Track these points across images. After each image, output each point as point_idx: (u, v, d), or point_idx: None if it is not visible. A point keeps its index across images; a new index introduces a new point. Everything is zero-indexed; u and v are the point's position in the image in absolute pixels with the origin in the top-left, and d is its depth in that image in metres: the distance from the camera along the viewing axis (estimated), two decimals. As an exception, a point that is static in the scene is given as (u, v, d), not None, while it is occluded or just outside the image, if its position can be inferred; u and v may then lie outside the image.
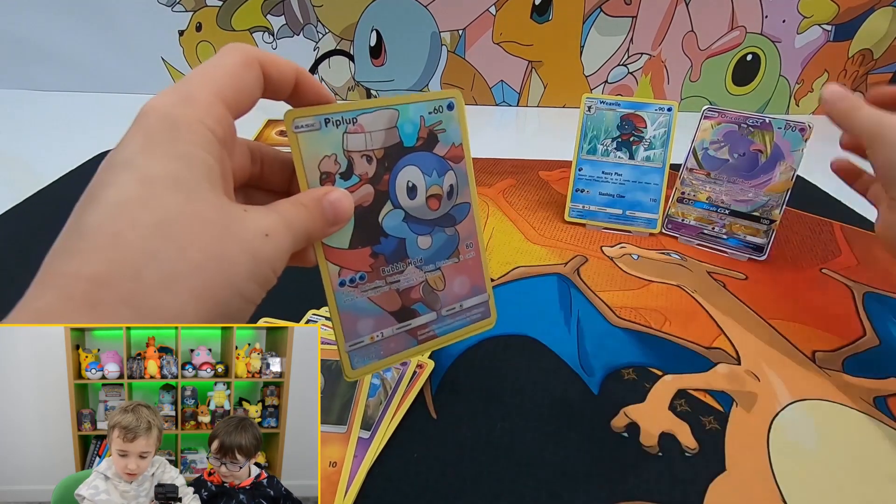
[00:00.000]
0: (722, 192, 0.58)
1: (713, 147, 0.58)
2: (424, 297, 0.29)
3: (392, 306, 0.28)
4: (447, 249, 0.29)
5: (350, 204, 0.25)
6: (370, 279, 0.27)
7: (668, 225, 0.61)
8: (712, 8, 0.97)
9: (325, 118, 0.25)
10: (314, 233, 0.24)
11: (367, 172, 0.26)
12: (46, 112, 0.92)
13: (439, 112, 0.28)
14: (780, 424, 0.37)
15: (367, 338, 0.27)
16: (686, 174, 0.60)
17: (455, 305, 0.30)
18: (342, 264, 0.26)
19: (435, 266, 0.29)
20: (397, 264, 0.28)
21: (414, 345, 0.29)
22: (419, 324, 0.29)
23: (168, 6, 0.94)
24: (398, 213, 0.27)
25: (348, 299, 0.27)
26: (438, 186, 0.28)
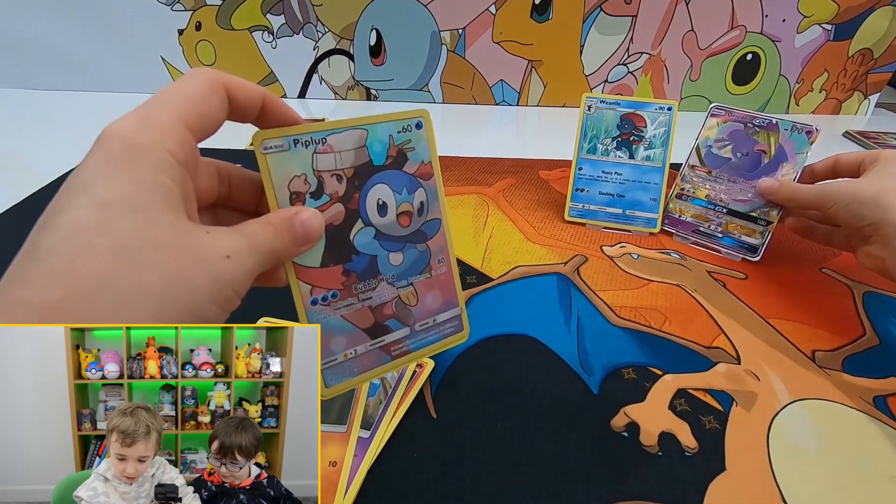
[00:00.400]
0: (721, 190, 0.58)
1: (717, 145, 0.58)
2: (397, 313, 0.29)
3: (365, 323, 0.28)
4: (419, 265, 0.30)
5: (320, 223, 0.25)
6: (342, 297, 0.27)
7: (665, 221, 0.61)
8: (712, 7, 0.97)
9: (294, 139, 0.25)
10: (283, 252, 0.24)
11: (337, 192, 0.26)
12: (46, 111, 0.92)
13: (408, 131, 0.28)
14: (779, 424, 0.37)
15: (341, 355, 0.27)
16: (687, 171, 0.60)
17: (428, 320, 0.31)
18: (314, 283, 0.26)
19: (407, 282, 0.29)
20: (369, 281, 0.28)
21: (387, 361, 0.29)
22: (392, 339, 0.29)
23: (167, 5, 0.94)
24: (369, 231, 0.28)
25: (321, 317, 0.27)
26: (409, 203, 0.29)
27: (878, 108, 1.14)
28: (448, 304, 0.31)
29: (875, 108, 1.12)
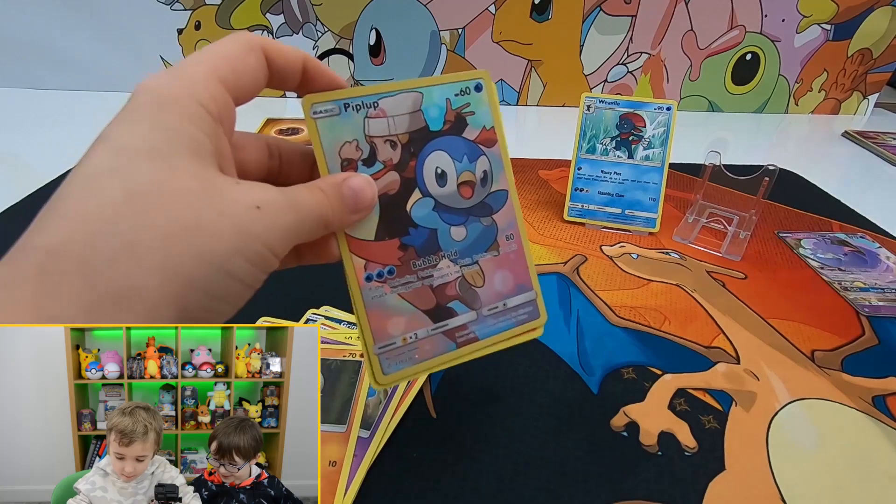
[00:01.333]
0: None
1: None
2: (462, 295, 0.26)
3: (426, 304, 0.26)
4: (484, 241, 0.27)
5: (373, 191, 0.23)
6: (400, 273, 0.25)
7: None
8: (712, 7, 0.97)
9: (344, 103, 0.23)
10: (332, 219, 0.22)
11: (391, 159, 0.24)
12: (45, 111, 0.92)
13: (466, 94, 0.26)
14: (779, 423, 0.37)
15: (400, 339, 0.25)
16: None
17: (497, 304, 0.27)
18: (368, 257, 0.24)
19: (472, 260, 0.27)
20: (429, 257, 0.25)
21: (452, 348, 0.26)
22: (457, 324, 0.26)
23: (167, 5, 0.94)
24: (427, 202, 0.25)
25: (376, 295, 0.24)
26: (470, 172, 0.26)
27: (878, 107, 1.14)
28: (520, 288, 0.28)
29: (874, 107, 1.12)
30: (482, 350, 0.27)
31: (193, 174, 0.18)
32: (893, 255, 0.59)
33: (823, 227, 0.64)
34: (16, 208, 0.60)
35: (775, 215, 0.66)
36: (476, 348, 0.27)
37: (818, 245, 0.60)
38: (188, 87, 0.19)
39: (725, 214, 0.60)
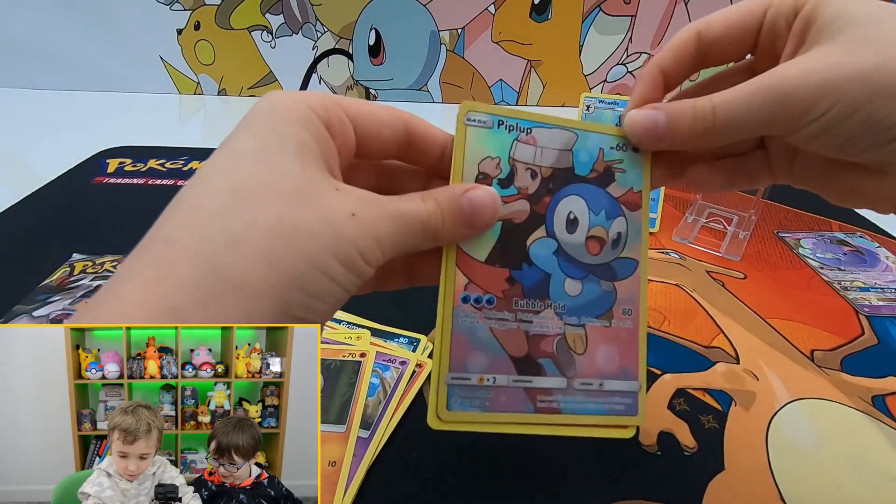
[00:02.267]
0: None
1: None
2: (557, 354, 0.24)
3: (516, 350, 0.23)
4: (599, 307, 0.24)
5: (495, 207, 0.22)
6: (498, 307, 0.23)
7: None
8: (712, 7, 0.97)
9: (499, 119, 0.23)
10: (442, 232, 0.21)
11: (527, 187, 0.23)
12: (44, 111, 0.92)
13: (622, 150, 0.25)
14: (778, 423, 0.37)
15: (476, 377, 0.22)
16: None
17: (593, 381, 0.24)
18: (472, 277, 0.23)
19: (578, 321, 0.24)
20: (534, 301, 0.23)
21: (530, 410, 0.23)
22: (542, 385, 0.23)
23: (166, 5, 0.94)
24: (550, 243, 0.24)
25: (467, 321, 0.22)
26: (604, 229, 0.25)
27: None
28: (624, 373, 0.25)
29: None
30: (561, 427, 0.24)
31: (294, 175, 0.19)
32: (893, 254, 0.59)
33: (823, 226, 0.64)
34: (16, 208, 0.60)
35: (775, 215, 0.66)
36: (554, 420, 0.24)
37: (818, 245, 0.60)
38: (303, 96, 0.20)
39: (725, 214, 0.60)
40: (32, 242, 0.54)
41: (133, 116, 0.92)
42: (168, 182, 0.67)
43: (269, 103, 0.20)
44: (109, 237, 0.54)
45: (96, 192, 0.65)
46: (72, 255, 0.51)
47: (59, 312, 0.42)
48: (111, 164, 0.71)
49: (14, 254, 0.52)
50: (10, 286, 0.46)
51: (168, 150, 0.76)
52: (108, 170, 0.70)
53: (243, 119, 0.20)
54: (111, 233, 0.55)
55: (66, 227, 0.57)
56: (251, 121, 0.20)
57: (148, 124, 0.88)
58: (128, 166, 0.71)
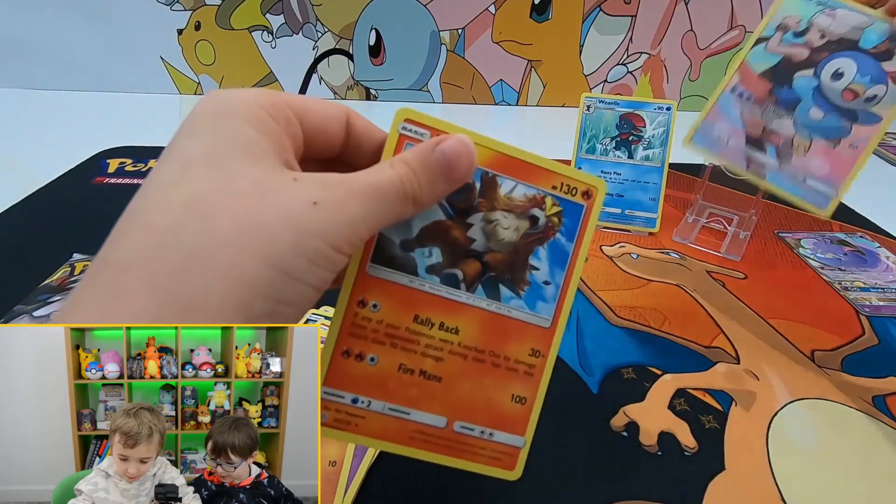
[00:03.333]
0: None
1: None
2: (781, 147, 0.28)
3: (754, 129, 0.28)
4: (831, 133, 0.32)
5: (470, 153, 0.21)
6: (757, 100, 0.29)
7: None
8: (712, 7, 0.97)
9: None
10: (422, 194, 0.20)
11: (813, 42, 0.30)
12: (44, 111, 0.92)
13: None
14: (779, 423, 0.37)
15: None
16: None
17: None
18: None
19: (809, 134, 0.30)
20: (783, 109, 0.32)
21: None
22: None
23: (167, 5, 0.94)
24: (812, 81, 0.32)
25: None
26: (863, 86, 0.34)
27: (877, 108, 1.14)
28: (827, 182, 0.28)
29: None
30: (446, 458, 0.24)
31: (248, 175, 0.18)
32: (893, 254, 0.59)
33: (823, 226, 0.64)
34: (16, 208, 0.60)
35: (775, 215, 0.66)
36: (440, 451, 0.24)
37: (818, 245, 0.60)
38: (249, 94, 0.19)
39: (725, 214, 0.60)
40: (32, 242, 0.54)
41: (133, 116, 0.92)
42: (168, 182, 0.67)
43: (215, 102, 0.19)
44: (109, 237, 0.54)
45: (96, 192, 0.65)
46: (72, 255, 0.51)
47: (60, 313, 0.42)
48: (111, 164, 0.71)
49: (14, 254, 0.52)
50: (10, 286, 0.46)
51: (168, 150, 0.76)
52: (109, 170, 0.70)
53: (188, 119, 0.19)
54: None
55: (66, 227, 0.57)
56: (197, 122, 0.19)
57: (148, 124, 0.88)
58: (128, 166, 0.71)
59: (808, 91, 0.36)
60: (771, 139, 0.37)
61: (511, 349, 0.23)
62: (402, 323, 0.22)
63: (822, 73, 0.36)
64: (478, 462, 0.24)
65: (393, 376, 0.22)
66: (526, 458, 0.25)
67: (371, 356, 0.22)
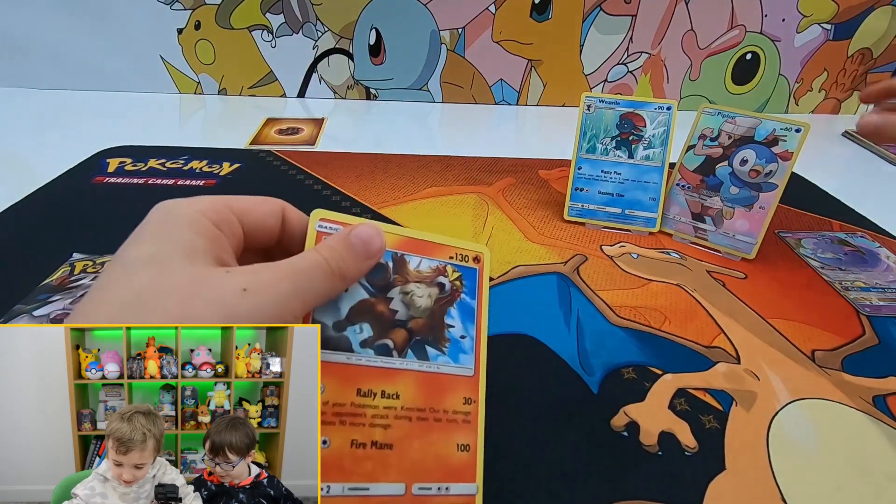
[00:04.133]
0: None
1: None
2: (715, 217, 0.37)
3: (694, 207, 0.35)
4: (746, 201, 0.50)
5: (380, 236, 0.24)
6: (694, 190, 0.40)
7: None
8: (712, 7, 0.97)
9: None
10: (347, 270, 0.23)
11: (723, 143, 0.40)
12: (44, 110, 0.92)
13: (787, 131, 0.34)
14: (779, 423, 0.37)
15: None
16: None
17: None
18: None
19: (731, 205, 0.43)
20: (711, 191, 0.42)
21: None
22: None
23: (167, 4, 0.94)
24: (727, 168, 0.47)
25: None
26: (762, 166, 0.50)
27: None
28: (748, 235, 0.33)
29: (874, 108, 1.12)
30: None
31: (184, 272, 0.20)
32: (893, 254, 0.59)
33: (824, 226, 0.64)
34: (16, 208, 0.60)
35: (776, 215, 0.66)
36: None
37: (818, 245, 0.60)
38: (192, 203, 0.22)
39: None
40: (32, 242, 0.54)
41: (133, 116, 0.92)
42: (168, 182, 0.67)
43: (160, 214, 0.22)
44: (109, 237, 0.54)
45: (96, 192, 0.65)
46: (72, 254, 0.51)
47: (60, 312, 0.42)
48: (111, 163, 0.71)
49: (14, 254, 0.52)
50: (10, 286, 0.46)
51: (168, 149, 0.76)
52: (109, 169, 0.70)
53: (137, 230, 0.21)
54: (111, 233, 0.55)
55: (66, 227, 0.57)
56: (142, 232, 0.21)
57: (148, 124, 0.88)
58: (128, 166, 0.71)
59: (726, 176, 0.54)
60: (707, 212, 0.55)
61: (447, 401, 0.26)
62: (347, 399, 0.23)
63: (733, 162, 0.54)
64: None
65: (347, 454, 0.23)
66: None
67: (323, 439, 0.23)
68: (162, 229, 0.21)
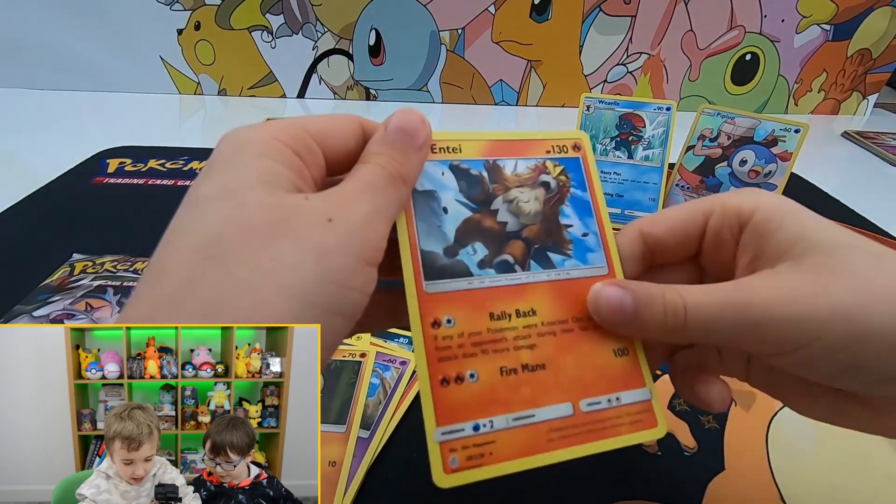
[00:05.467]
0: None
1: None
2: None
3: None
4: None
5: (420, 120, 0.21)
6: (694, 190, 0.39)
7: None
8: (711, 7, 0.98)
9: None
10: (405, 170, 0.20)
11: (723, 143, 0.47)
12: (44, 110, 0.92)
13: (787, 132, 0.37)
14: (778, 423, 0.37)
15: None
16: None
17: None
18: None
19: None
20: (709, 192, 0.43)
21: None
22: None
23: (167, 5, 0.94)
24: (727, 169, 0.51)
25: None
26: (761, 167, 0.50)
27: (877, 108, 1.14)
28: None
29: (874, 108, 1.12)
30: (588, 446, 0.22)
31: (260, 205, 0.17)
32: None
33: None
34: (16, 208, 0.60)
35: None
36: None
37: None
38: (268, 128, 0.19)
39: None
40: (32, 242, 0.54)
41: (133, 116, 0.92)
42: (168, 182, 0.67)
43: (229, 142, 0.19)
44: (109, 237, 0.54)
45: (96, 192, 0.65)
46: (72, 255, 0.51)
47: (60, 312, 0.42)
48: (111, 164, 0.71)
49: (14, 254, 0.52)
50: (10, 286, 0.46)
51: (168, 150, 0.76)
52: (108, 170, 0.70)
53: (208, 160, 0.19)
54: (111, 233, 0.55)
55: (66, 227, 0.57)
56: (212, 164, 0.19)
57: (148, 124, 0.88)
58: (128, 166, 0.71)
59: (726, 176, 0.54)
60: None
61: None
62: (482, 326, 0.21)
63: (733, 163, 0.53)
64: (623, 434, 0.22)
65: (499, 384, 0.21)
66: (661, 410, 0.23)
67: (470, 373, 0.21)
68: (232, 158, 0.18)
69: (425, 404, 0.20)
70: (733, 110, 0.57)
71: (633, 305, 0.21)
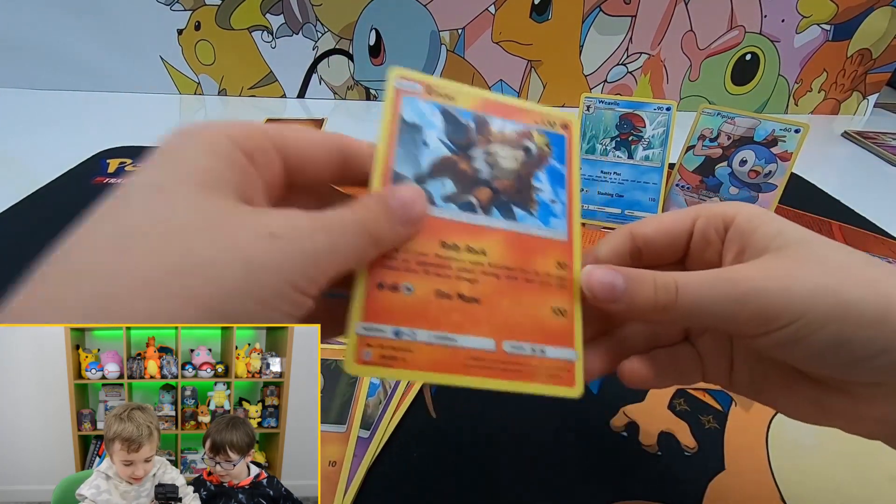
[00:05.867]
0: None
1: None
2: None
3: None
4: (747, 201, 0.41)
5: (423, 202, 0.21)
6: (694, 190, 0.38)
7: None
8: (711, 7, 0.97)
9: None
10: (382, 234, 0.20)
11: (723, 143, 0.47)
12: (44, 111, 0.92)
13: (786, 131, 0.37)
14: (778, 423, 0.37)
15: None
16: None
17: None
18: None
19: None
20: (711, 191, 0.45)
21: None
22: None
23: (167, 5, 0.94)
24: (727, 169, 0.49)
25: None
26: (761, 167, 0.50)
27: (877, 108, 1.14)
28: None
29: (874, 108, 1.12)
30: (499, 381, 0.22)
31: (194, 206, 0.16)
32: (893, 257, 0.59)
33: (823, 227, 0.64)
34: (15, 209, 0.60)
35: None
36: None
37: None
38: (222, 126, 0.18)
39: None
40: (32, 242, 0.54)
41: (133, 116, 0.92)
42: (168, 182, 0.67)
43: (178, 135, 0.18)
44: (109, 237, 0.54)
45: (96, 192, 0.64)
46: (72, 255, 0.51)
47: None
48: (111, 164, 0.71)
49: (14, 254, 0.52)
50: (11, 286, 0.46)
51: (168, 150, 0.76)
52: (109, 170, 0.70)
53: (153, 153, 0.18)
54: (111, 233, 0.55)
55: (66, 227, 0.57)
56: (155, 156, 0.18)
57: (148, 124, 0.88)
58: (128, 166, 0.71)
59: (726, 176, 0.54)
60: None
61: (539, 263, 0.23)
62: (431, 250, 0.22)
63: (733, 163, 0.53)
64: (537, 382, 0.23)
65: (432, 303, 0.21)
66: (583, 377, 0.24)
67: (406, 285, 0.21)
68: (175, 153, 0.17)
69: (356, 300, 0.20)
70: (733, 110, 0.56)
71: (625, 283, 0.22)
